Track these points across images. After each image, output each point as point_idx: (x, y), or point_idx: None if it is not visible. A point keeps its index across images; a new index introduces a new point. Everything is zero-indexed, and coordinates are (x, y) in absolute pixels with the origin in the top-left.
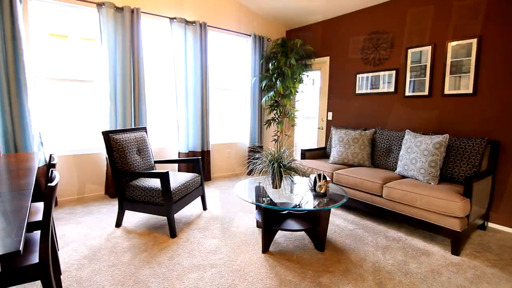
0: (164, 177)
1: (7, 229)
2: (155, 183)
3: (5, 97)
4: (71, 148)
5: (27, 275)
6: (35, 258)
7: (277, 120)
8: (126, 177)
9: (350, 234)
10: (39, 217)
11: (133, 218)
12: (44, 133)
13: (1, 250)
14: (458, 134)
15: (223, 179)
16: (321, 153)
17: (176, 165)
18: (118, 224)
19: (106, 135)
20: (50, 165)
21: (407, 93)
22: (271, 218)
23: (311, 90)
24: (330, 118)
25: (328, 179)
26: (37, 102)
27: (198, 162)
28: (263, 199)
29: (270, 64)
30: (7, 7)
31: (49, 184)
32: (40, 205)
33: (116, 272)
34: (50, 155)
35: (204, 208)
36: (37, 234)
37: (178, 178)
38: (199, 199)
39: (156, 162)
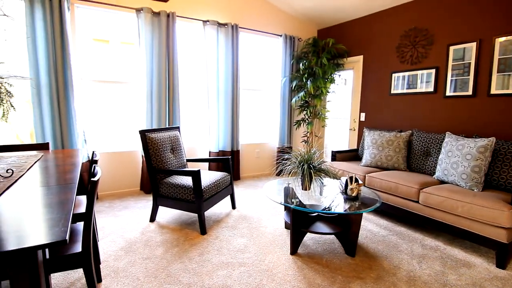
0: (196, 175)
1: (55, 219)
2: (187, 181)
3: (54, 98)
4: (111, 145)
5: (70, 262)
6: (78, 248)
7: (307, 121)
8: (160, 174)
9: (383, 240)
10: (81, 209)
11: (166, 213)
12: (87, 131)
13: (49, 238)
14: (506, 137)
15: (252, 179)
16: (353, 155)
17: (206, 163)
18: (152, 219)
19: (143, 134)
20: (92, 161)
21: (448, 93)
22: (300, 220)
23: (343, 90)
24: (362, 119)
25: (360, 182)
26: (81, 103)
27: (228, 162)
28: (292, 200)
29: (300, 64)
30: (57, 15)
31: (92, 179)
32: (83, 198)
33: (150, 265)
34: (93, 152)
35: (233, 207)
36: (79, 225)
37: (209, 177)
38: (228, 198)
39: (188, 160)
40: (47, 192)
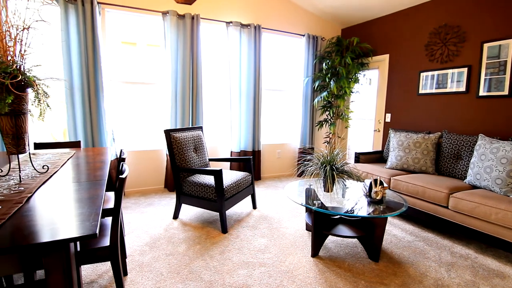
0: (217, 175)
1: (85, 213)
2: (209, 180)
3: (86, 99)
4: (137, 144)
5: (99, 255)
6: (106, 241)
7: (329, 122)
8: (183, 172)
9: (409, 246)
10: (109, 205)
11: (188, 211)
12: (116, 130)
13: (80, 232)
14: None
15: (273, 179)
16: (377, 157)
17: (228, 163)
18: (175, 216)
19: (168, 133)
20: (120, 159)
21: (482, 93)
22: (322, 222)
23: (367, 90)
24: (388, 120)
25: (385, 185)
26: (110, 103)
27: (249, 162)
28: (314, 202)
29: (323, 64)
30: (89, 19)
31: (120, 176)
32: (111, 194)
33: (173, 261)
34: (121, 150)
35: (254, 207)
36: (107, 220)
37: (230, 176)
38: (249, 197)
39: (210, 160)
40: (79, 187)
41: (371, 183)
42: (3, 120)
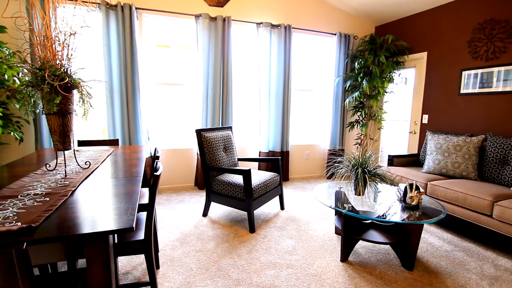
0: (246, 174)
1: (123, 208)
2: (238, 179)
3: (124, 100)
4: (169, 143)
5: (134, 248)
6: (141, 235)
7: (361, 123)
8: (213, 171)
9: (447, 256)
10: (144, 200)
11: (217, 209)
12: (150, 130)
13: (118, 225)
14: None
15: (301, 181)
16: (413, 161)
17: (256, 163)
18: (205, 213)
19: (199, 133)
20: (155, 157)
21: None
22: (352, 226)
23: (402, 90)
24: (425, 121)
25: (421, 190)
26: (145, 103)
27: (277, 162)
28: (344, 205)
29: (356, 63)
30: (128, 24)
31: (155, 173)
32: (145, 191)
33: (202, 257)
34: (155, 148)
35: (282, 207)
36: (142, 214)
37: (259, 176)
38: (277, 198)
39: (239, 159)
40: (116, 183)
41: (406, 187)
42: (52, 119)
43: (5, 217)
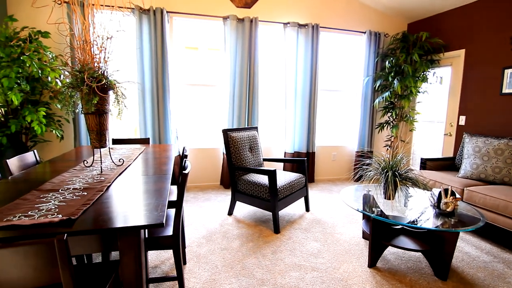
0: (272, 175)
1: (153, 204)
2: (263, 179)
3: (155, 100)
4: (197, 142)
5: (163, 243)
6: (169, 231)
7: (391, 124)
8: (239, 171)
9: (485, 267)
10: (172, 197)
11: (242, 209)
12: (179, 129)
13: (149, 220)
14: None
15: (327, 183)
16: (448, 165)
17: (281, 164)
18: (230, 212)
19: (225, 133)
20: (183, 156)
21: None
22: (381, 231)
23: (437, 89)
24: (462, 123)
25: (457, 196)
26: (174, 104)
27: (303, 163)
28: (373, 209)
29: (386, 62)
30: (159, 27)
31: (183, 172)
32: (173, 188)
33: (227, 256)
34: (183, 147)
35: (307, 209)
36: (170, 211)
37: (284, 177)
38: (302, 199)
39: (264, 160)
40: (147, 180)
41: (440, 192)
42: (89, 118)
43: (48, 209)
